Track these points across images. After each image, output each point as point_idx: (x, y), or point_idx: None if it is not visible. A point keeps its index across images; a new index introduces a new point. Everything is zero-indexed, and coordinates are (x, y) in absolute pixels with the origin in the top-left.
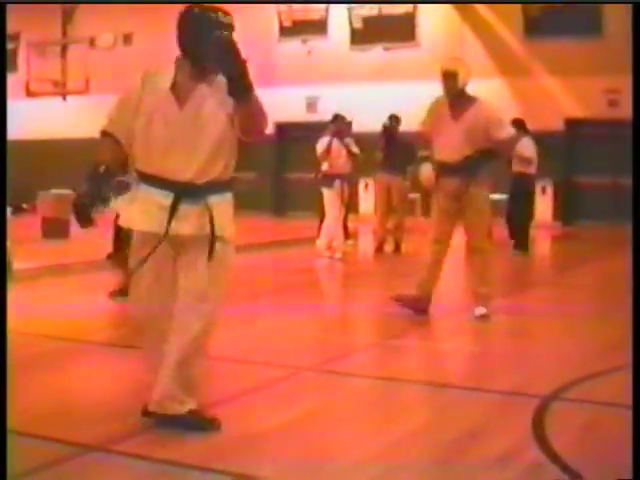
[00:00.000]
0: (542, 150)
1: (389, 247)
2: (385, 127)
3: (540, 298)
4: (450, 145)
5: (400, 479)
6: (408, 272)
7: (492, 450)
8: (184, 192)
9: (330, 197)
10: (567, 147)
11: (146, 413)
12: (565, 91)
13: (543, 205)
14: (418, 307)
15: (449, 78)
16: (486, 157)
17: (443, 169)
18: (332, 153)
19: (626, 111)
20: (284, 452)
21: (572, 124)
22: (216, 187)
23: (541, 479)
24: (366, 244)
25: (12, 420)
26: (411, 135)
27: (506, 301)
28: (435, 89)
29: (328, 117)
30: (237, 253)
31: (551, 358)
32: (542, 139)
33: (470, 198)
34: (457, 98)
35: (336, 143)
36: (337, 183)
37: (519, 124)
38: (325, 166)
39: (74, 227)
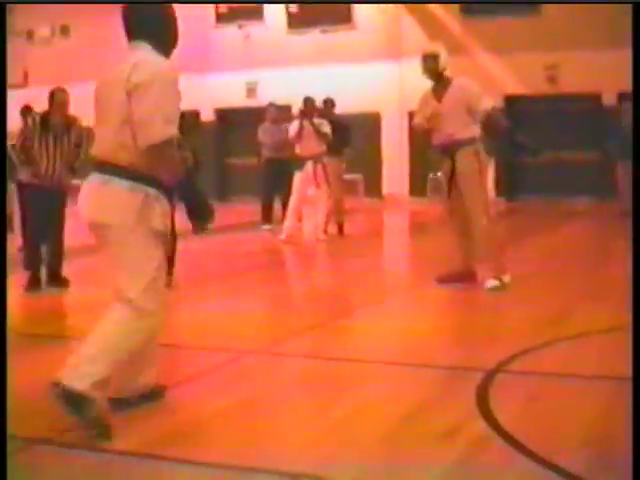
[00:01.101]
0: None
1: (332, 228)
2: (320, 110)
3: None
4: (439, 127)
5: (346, 457)
6: (351, 252)
7: (437, 425)
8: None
9: (298, 179)
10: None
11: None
12: (504, 68)
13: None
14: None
15: (430, 60)
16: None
17: (440, 151)
18: (303, 135)
19: (564, 86)
20: (229, 437)
21: (511, 101)
22: None
23: (486, 451)
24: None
25: None
26: (348, 117)
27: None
28: (373, 71)
29: (267, 102)
30: (184, 239)
31: (496, 331)
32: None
33: (459, 178)
34: (438, 81)
35: (306, 125)
36: (309, 165)
37: None
38: (297, 149)
39: (16, 222)
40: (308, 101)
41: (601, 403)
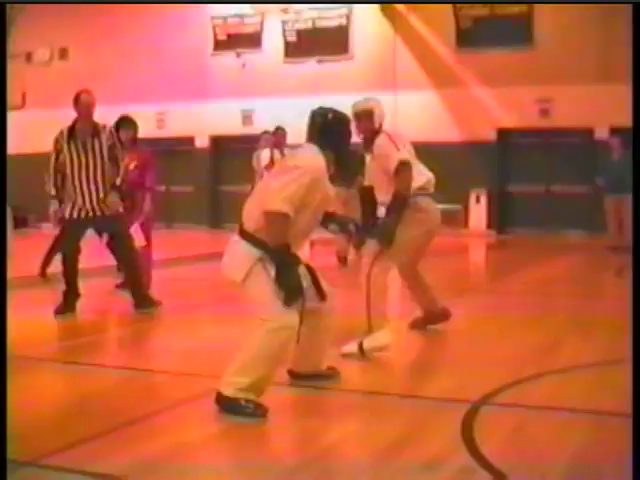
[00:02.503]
0: (475, 160)
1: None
2: None
3: (474, 305)
4: (377, 186)
5: None
6: (341, 282)
7: (421, 455)
8: None
9: None
10: (500, 156)
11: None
12: (497, 101)
13: (477, 214)
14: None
15: (364, 117)
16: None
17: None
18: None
19: (557, 120)
20: (217, 461)
21: (504, 134)
22: None
23: None
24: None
25: None
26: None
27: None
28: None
29: (263, 130)
30: (175, 266)
31: (482, 364)
32: (475, 149)
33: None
34: (372, 138)
35: (277, 155)
36: None
37: None
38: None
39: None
40: (278, 130)
41: (585, 437)
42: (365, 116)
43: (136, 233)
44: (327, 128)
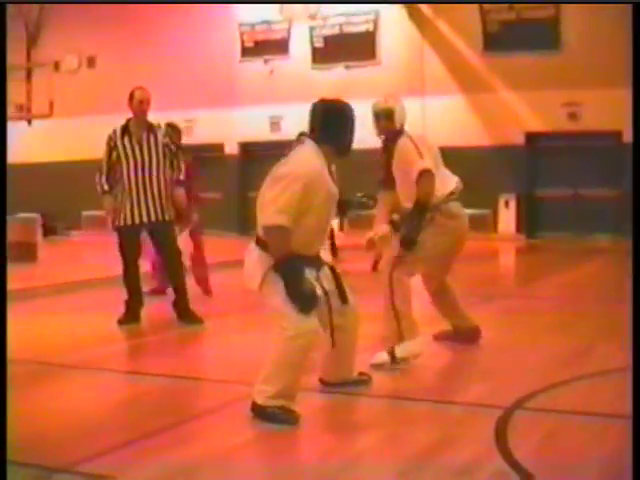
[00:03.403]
0: (504, 164)
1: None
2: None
3: (505, 309)
4: (399, 190)
5: None
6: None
7: (456, 461)
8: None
9: None
10: (528, 161)
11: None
12: (525, 105)
13: (506, 218)
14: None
15: (384, 117)
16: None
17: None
18: None
19: (586, 124)
20: (250, 468)
21: (533, 138)
22: None
23: None
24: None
25: None
26: (370, 152)
27: (471, 313)
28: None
29: (292, 136)
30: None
31: (515, 369)
32: (503, 153)
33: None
34: (394, 139)
35: None
36: None
37: None
38: None
39: (41, 250)
40: (303, 136)
41: (618, 442)
42: (385, 116)
43: (185, 242)
44: (327, 119)
